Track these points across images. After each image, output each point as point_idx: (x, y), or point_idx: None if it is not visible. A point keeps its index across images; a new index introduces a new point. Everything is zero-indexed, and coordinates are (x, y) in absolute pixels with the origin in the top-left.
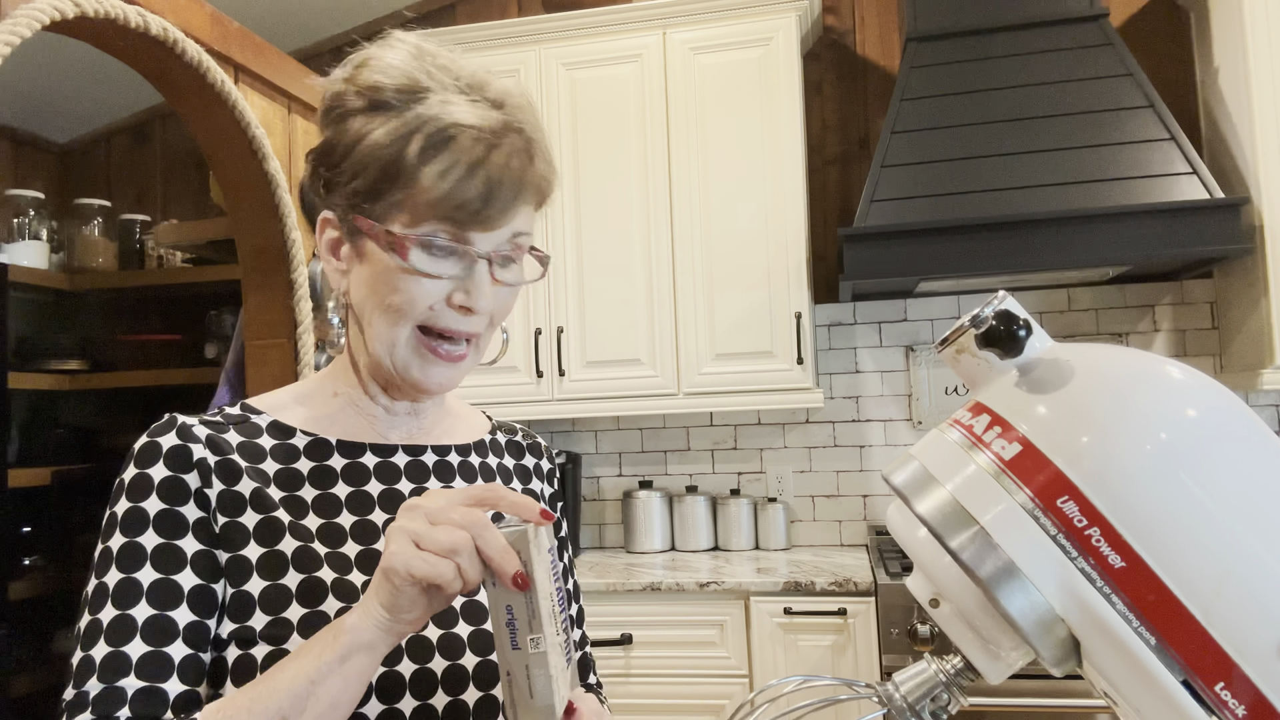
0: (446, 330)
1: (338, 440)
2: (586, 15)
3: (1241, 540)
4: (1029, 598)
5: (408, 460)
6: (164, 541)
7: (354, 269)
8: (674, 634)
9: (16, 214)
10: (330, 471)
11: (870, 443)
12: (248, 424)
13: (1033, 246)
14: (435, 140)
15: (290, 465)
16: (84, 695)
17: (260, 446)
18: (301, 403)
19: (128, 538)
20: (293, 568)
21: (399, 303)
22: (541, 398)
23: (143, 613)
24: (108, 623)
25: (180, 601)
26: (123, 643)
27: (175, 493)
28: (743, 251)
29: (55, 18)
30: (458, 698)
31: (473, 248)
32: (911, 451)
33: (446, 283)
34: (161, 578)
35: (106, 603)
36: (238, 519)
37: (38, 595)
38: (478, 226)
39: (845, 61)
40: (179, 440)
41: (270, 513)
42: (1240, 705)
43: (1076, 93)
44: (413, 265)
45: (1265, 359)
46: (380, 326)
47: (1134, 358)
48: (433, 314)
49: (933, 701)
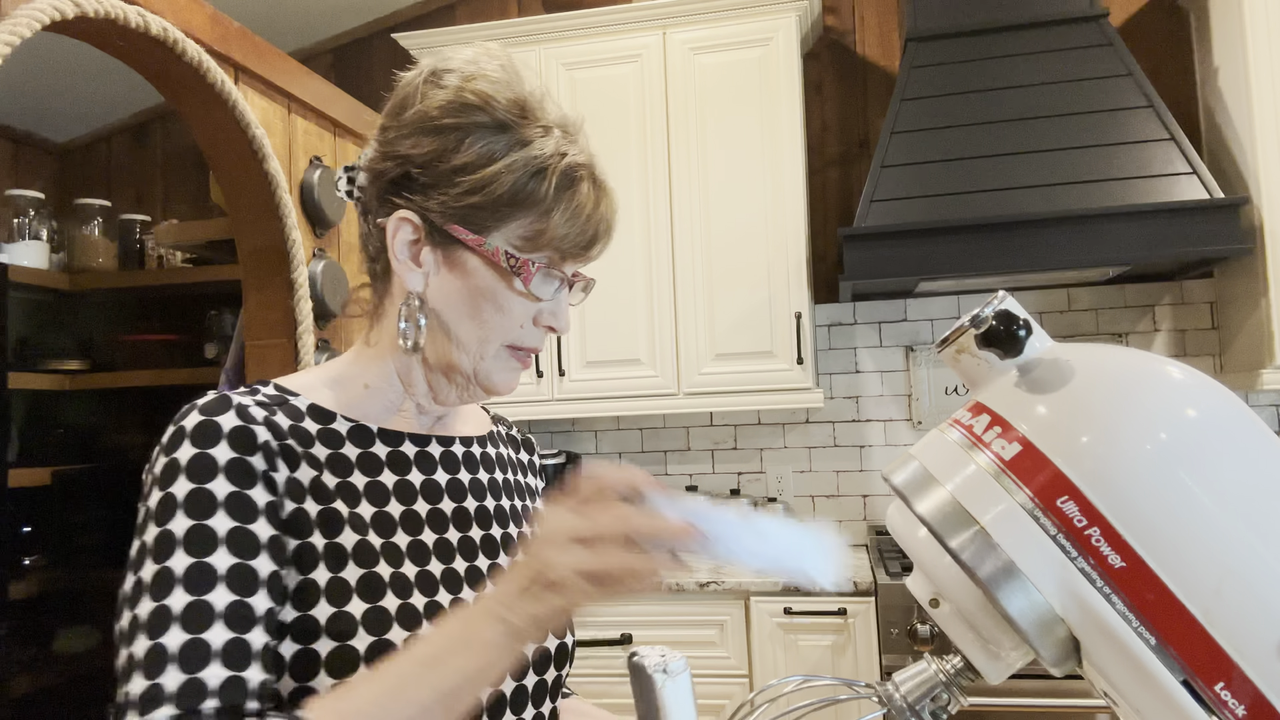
0: (531, 347)
1: (379, 428)
2: (586, 15)
3: (1241, 540)
4: (1029, 598)
5: (441, 450)
6: (237, 525)
7: (439, 275)
8: (674, 634)
9: (16, 214)
10: (375, 459)
11: (870, 443)
12: (288, 405)
13: (1033, 246)
14: (566, 180)
15: (338, 450)
16: (159, 688)
17: (307, 430)
18: (331, 388)
19: (195, 520)
20: (352, 561)
21: (497, 320)
22: (541, 398)
23: (222, 598)
24: (181, 609)
25: (258, 587)
26: (201, 629)
27: (244, 476)
28: (743, 251)
29: (55, 18)
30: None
31: (569, 278)
32: (911, 451)
33: (539, 304)
34: (238, 562)
35: (176, 588)
36: (301, 505)
37: (38, 595)
38: (576, 260)
39: (845, 61)
40: (240, 421)
41: (330, 502)
42: (1240, 705)
43: (1076, 93)
44: (531, 290)
45: (1265, 359)
46: (469, 337)
47: (1134, 358)
48: (522, 332)
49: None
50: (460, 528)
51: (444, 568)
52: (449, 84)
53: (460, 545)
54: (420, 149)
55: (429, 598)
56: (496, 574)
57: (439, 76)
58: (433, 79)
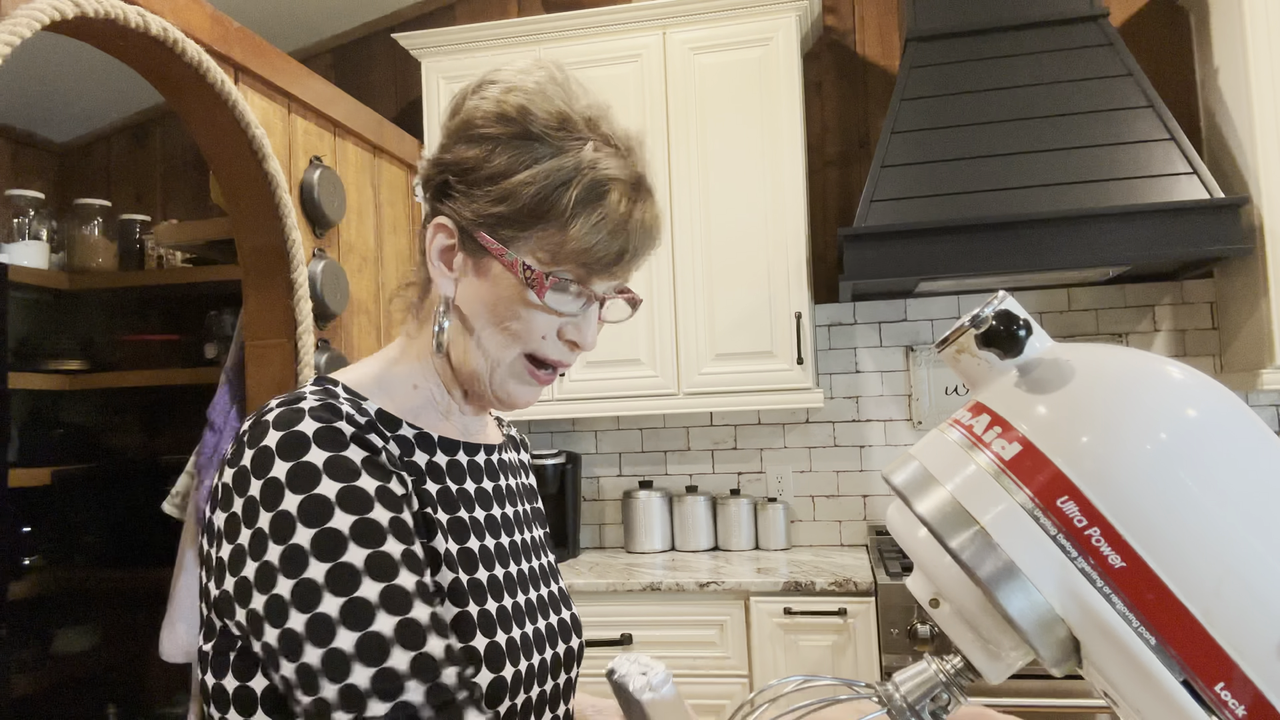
0: (551, 360)
1: (439, 437)
2: (586, 15)
3: (1241, 540)
4: (1029, 598)
5: (485, 459)
6: (394, 515)
7: (467, 281)
8: (674, 634)
9: (16, 214)
10: (437, 467)
11: (870, 443)
12: (361, 410)
13: (1033, 246)
14: (591, 193)
15: (409, 458)
16: (390, 672)
17: (383, 435)
18: (386, 391)
19: (357, 515)
20: (460, 566)
21: (518, 330)
22: (542, 398)
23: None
24: (378, 595)
25: (425, 568)
26: (405, 610)
27: (382, 471)
28: (742, 251)
29: (55, 18)
30: (568, 677)
31: (597, 295)
32: (911, 451)
33: (563, 319)
34: (408, 548)
35: (364, 579)
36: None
37: (38, 595)
38: (605, 277)
39: (845, 61)
40: (350, 426)
41: (424, 508)
42: (1240, 705)
43: (1076, 93)
44: (546, 303)
45: (1265, 359)
46: (490, 344)
47: (1134, 358)
48: (544, 344)
49: (933, 701)
50: (508, 532)
51: (517, 569)
52: (490, 95)
53: (511, 549)
54: (459, 157)
55: (514, 599)
56: (533, 576)
57: (484, 87)
58: (478, 89)
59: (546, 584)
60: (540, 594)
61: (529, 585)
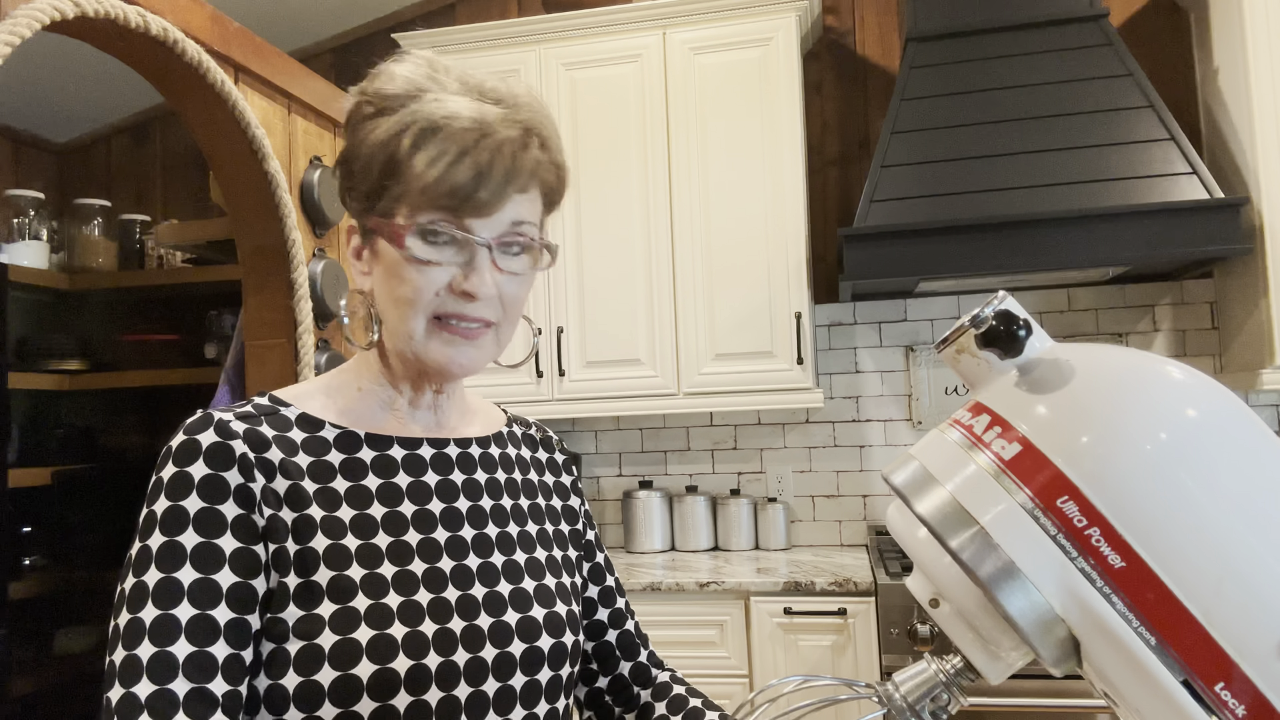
0: (456, 315)
1: (366, 433)
2: (586, 15)
3: (1241, 540)
4: (1029, 598)
5: (433, 453)
6: (203, 540)
7: (375, 271)
8: (674, 634)
9: (16, 214)
10: (360, 464)
11: (870, 443)
12: (277, 416)
13: (1033, 246)
14: (426, 131)
15: (322, 458)
16: (134, 697)
17: (292, 439)
18: (329, 396)
19: (168, 536)
20: (324, 564)
21: (407, 293)
22: (541, 398)
23: (185, 612)
24: (150, 622)
25: (220, 600)
26: (168, 642)
27: (215, 491)
28: (743, 251)
29: (55, 18)
30: (534, 678)
31: (474, 236)
32: (911, 451)
33: (450, 270)
34: (201, 577)
35: (147, 602)
36: (278, 513)
37: (38, 595)
38: (474, 213)
39: (845, 61)
40: (218, 437)
41: (305, 509)
42: (1240, 705)
43: (1076, 93)
44: (410, 252)
45: (1265, 359)
46: (394, 320)
47: (1134, 358)
48: (439, 301)
49: (933, 701)
50: (450, 527)
51: (427, 567)
52: (354, 89)
53: (449, 545)
54: (339, 157)
55: (406, 597)
56: (488, 571)
57: (356, 89)
58: (353, 90)
59: (517, 580)
60: (496, 591)
61: (473, 581)
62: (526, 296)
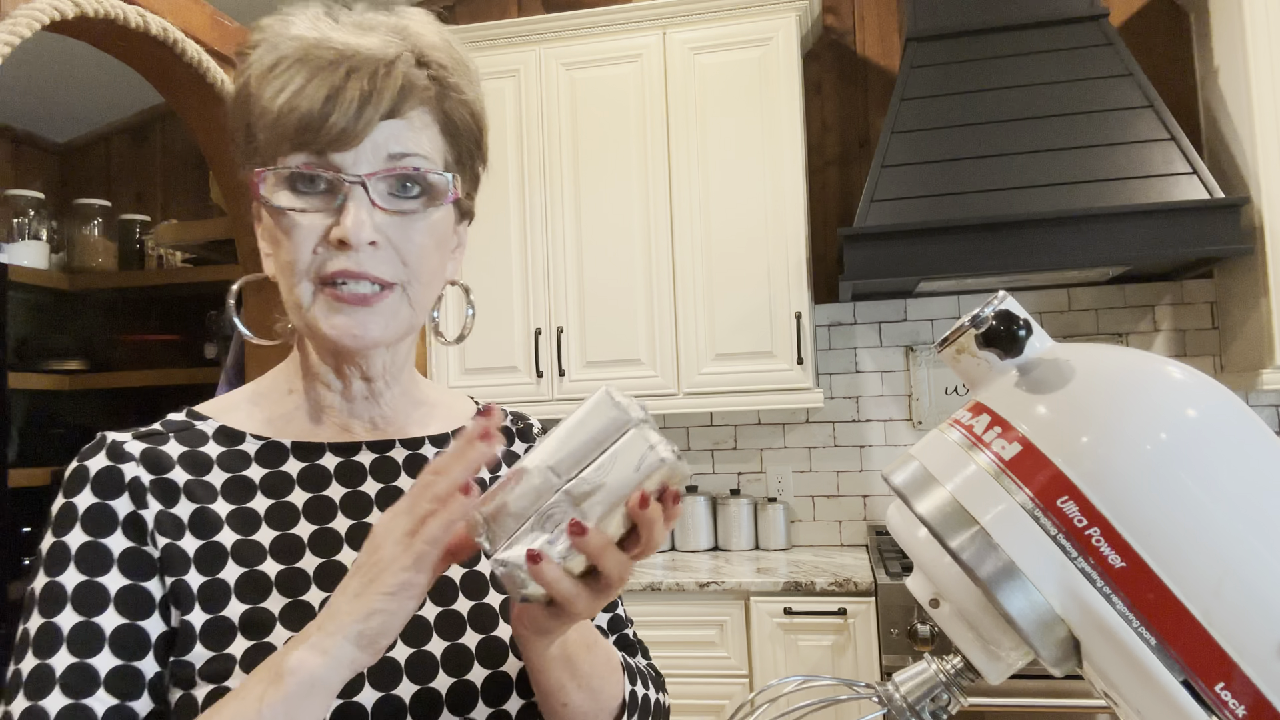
0: (340, 274)
1: (293, 442)
2: (586, 15)
3: (1241, 540)
4: (1029, 598)
5: (374, 458)
6: (85, 579)
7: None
8: (674, 634)
9: (16, 214)
10: (285, 478)
11: (870, 443)
12: (191, 431)
13: (1033, 246)
14: (274, 59)
15: (240, 474)
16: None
17: (205, 455)
18: (255, 403)
19: (49, 578)
20: (235, 596)
21: (284, 256)
22: (541, 398)
23: (62, 661)
24: (27, 674)
25: (101, 645)
26: (40, 695)
27: (100, 522)
28: (743, 251)
29: (55, 18)
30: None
31: (343, 174)
32: (911, 451)
33: (324, 218)
34: (82, 621)
35: (27, 651)
36: (177, 542)
37: None
38: (337, 145)
39: (845, 61)
40: (108, 461)
41: (212, 536)
42: (1240, 705)
43: (1076, 93)
44: (271, 201)
45: (1265, 359)
46: (284, 291)
47: (1134, 358)
48: (320, 260)
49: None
50: None
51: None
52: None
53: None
54: None
55: None
56: (443, 588)
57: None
58: None
59: (480, 595)
60: (453, 610)
61: (423, 600)
62: (437, 249)
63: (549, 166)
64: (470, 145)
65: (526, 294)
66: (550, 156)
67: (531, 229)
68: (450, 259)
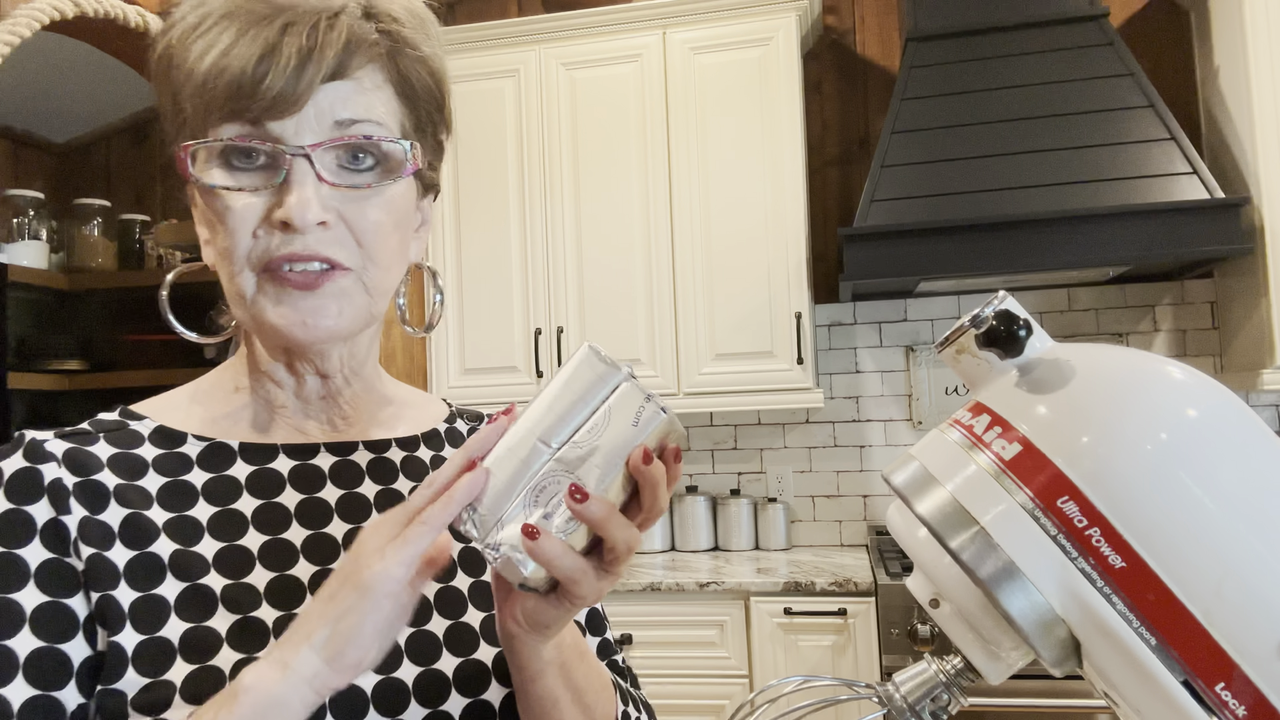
0: (286, 258)
1: (241, 444)
2: (586, 15)
3: (1242, 540)
4: (1029, 598)
5: (334, 461)
6: None
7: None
8: (674, 634)
9: (16, 214)
10: (232, 483)
11: (870, 443)
12: (124, 431)
13: (1033, 246)
14: (195, 19)
15: (179, 478)
16: None
17: (140, 458)
18: (198, 402)
19: None
20: (175, 614)
21: (225, 245)
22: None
23: None
24: None
25: (15, 672)
26: None
27: (14, 531)
28: (743, 251)
29: (55, 18)
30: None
31: (284, 145)
32: (911, 452)
33: (264, 196)
34: None
35: None
36: (105, 553)
37: None
38: (274, 112)
39: (845, 61)
40: (25, 462)
41: (147, 546)
42: (1240, 705)
43: (1076, 93)
44: (199, 179)
45: (1265, 359)
46: (225, 281)
47: (1134, 358)
48: (260, 244)
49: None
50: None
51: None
52: None
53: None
54: None
55: None
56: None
57: None
58: None
59: (458, 613)
60: (426, 630)
61: None
62: (396, 228)
63: (549, 166)
64: (431, 109)
65: (526, 294)
66: (550, 156)
67: (531, 229)
68: (414, 239)
